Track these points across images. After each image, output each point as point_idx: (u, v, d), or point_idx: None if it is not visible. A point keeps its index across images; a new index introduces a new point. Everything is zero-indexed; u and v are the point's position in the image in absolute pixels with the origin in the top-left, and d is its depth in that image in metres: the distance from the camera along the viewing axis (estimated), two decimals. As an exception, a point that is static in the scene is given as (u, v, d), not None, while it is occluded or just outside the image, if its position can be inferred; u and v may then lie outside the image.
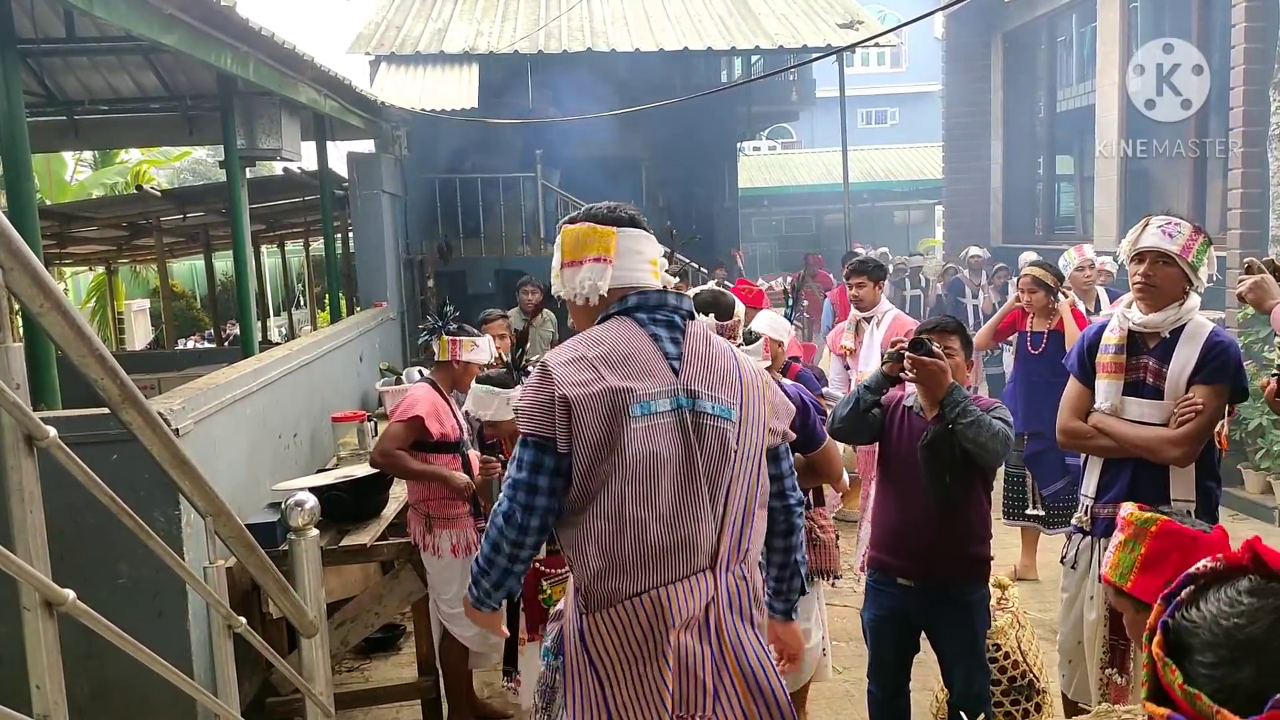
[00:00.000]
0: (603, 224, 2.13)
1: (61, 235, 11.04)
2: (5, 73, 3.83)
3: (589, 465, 1.95)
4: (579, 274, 2.11)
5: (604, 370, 1.97)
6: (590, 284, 2.10)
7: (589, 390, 1.94)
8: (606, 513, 1.96)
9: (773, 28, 11.79)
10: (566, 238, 2.16)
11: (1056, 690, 3.72)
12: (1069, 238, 10.97)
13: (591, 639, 1.99)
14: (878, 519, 3.39)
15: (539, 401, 1.97)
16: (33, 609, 1.17)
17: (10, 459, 1.15)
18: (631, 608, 1.96)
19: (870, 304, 5.48)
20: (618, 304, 2.11)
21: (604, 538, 1.96)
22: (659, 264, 2.16)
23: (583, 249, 2.12)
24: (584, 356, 2.00)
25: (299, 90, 6.59)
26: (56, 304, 1.15)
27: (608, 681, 1.98)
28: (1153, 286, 3.03)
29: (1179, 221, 3.04)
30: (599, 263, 2.10)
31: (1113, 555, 1.99)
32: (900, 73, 33.29)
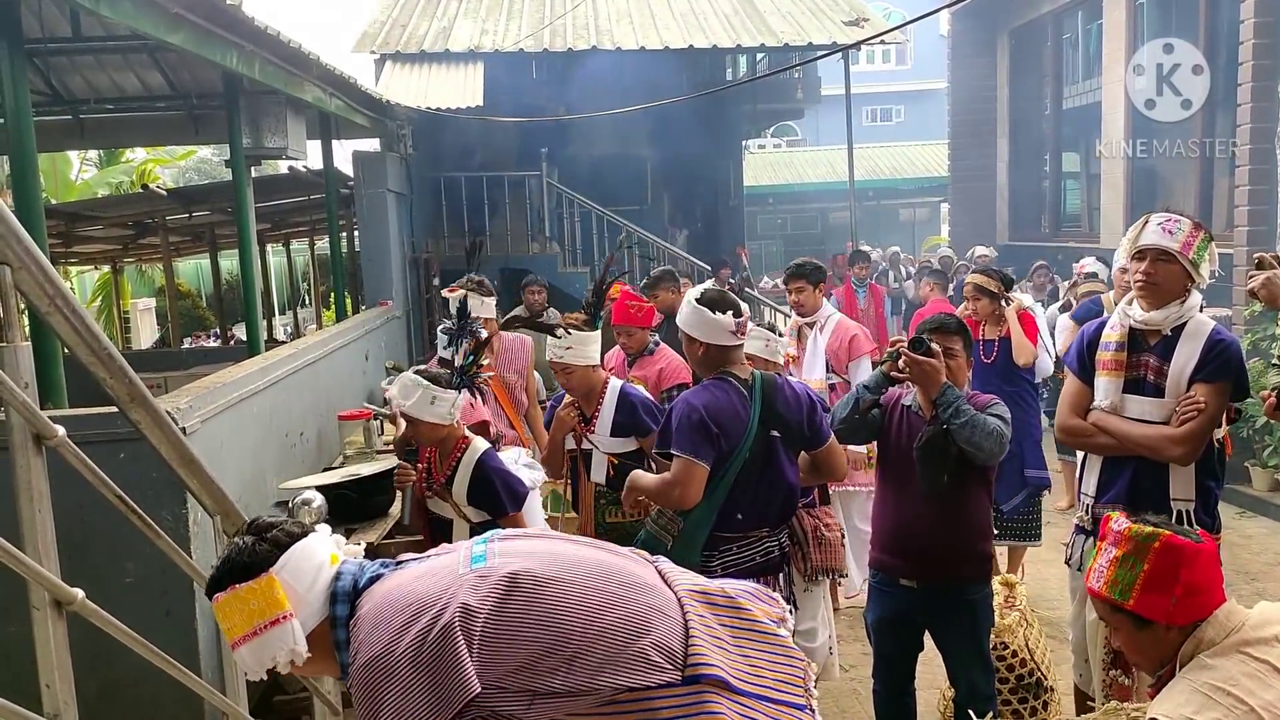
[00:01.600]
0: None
1: (67, 234, 11.06)
2: (12, 72, 3.84)
3: None
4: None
5: None
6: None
7: None
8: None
9: (778, 25, 11.77)
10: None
11: (1064, 688, 3.72)
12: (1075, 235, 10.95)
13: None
14: (878, 519, 3.39)
15: None
16: (42, 608, 1.17)
17: (19, 458, 1.15)
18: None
19: (812, 309, 5.30)
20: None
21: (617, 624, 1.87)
22: None
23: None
24: None
25: (304, 89, 6.60)
26: (65, 303, 1.15)
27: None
28: (1154, 284, 3.02)
29: (1179, 218, 3.02)
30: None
31: (1107, 571, 1.96)
32: (905, 70, 33.25)
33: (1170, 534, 1.92)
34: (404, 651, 1.58)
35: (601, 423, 3.81)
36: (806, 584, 3.65)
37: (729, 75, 15.14)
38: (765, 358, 3.77)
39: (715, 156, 14.46)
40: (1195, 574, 1.90)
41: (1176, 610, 1.89)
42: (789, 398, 3.14)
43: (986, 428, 3.02)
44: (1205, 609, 1.90)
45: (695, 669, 1.78)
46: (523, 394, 5.22)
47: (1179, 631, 1.92)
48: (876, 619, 3.38)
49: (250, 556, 1.65)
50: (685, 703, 1.75)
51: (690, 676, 1.77)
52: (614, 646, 1.73)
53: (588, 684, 1.70)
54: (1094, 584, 2.00)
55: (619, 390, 3.84)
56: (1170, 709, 1.80)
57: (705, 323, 3.10)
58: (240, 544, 1.68)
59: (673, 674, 1.75)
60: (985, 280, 5.15)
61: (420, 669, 1.56)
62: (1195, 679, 1.84)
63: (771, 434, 3.09)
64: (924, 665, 3.49)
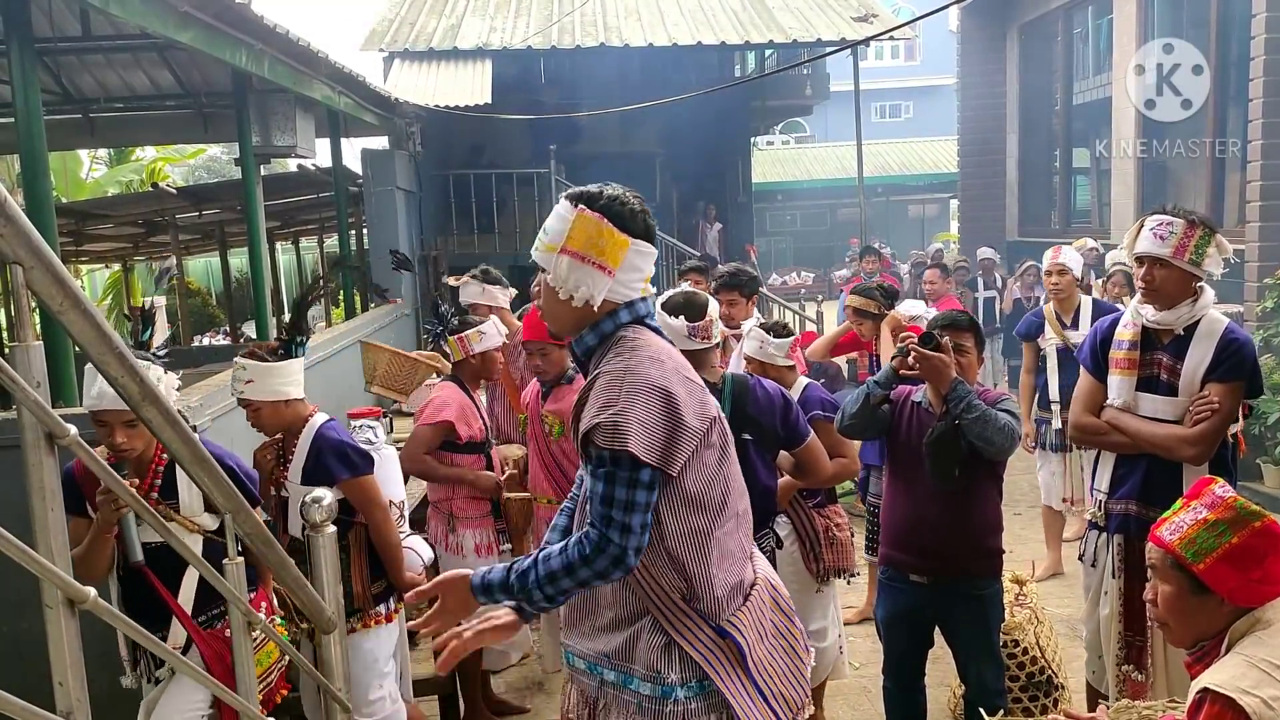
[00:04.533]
0: (621, 231, 1.92)
1: (78, 232, 11.11)
2: (23, 71, 3.85)
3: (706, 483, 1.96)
4: (577, 273, 1.90)
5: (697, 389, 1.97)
6: (584, 292, 1.90)
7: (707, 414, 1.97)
8: (722, 519, 1.98)
9: (786, 21, 11.75)
10: (579, 225, 1.92)
11: (1075, 686, 3.71)
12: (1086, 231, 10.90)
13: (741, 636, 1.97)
14: (888, 515, 3.38)
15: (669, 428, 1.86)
16: (54, 606, 1.17)
17: (31, 457, 1.15)
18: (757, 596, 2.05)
19: (741, 319, 5.17)
20: (628, 312, 1.97)
21: (725, 540, 1.98)
22: (649, 283, 2.04)
23: (590, 249, 1.91)
24: (686, 377, 1.94)
25: (313, 87, 6.61)
26: (76, 302, 1.15)
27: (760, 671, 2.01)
28: (1154, 290, 3.01)
29: (1171, 220, 2.98)
30: (602, 272, 1.91)
31: (1188, 529, 1.93)
32: (915, 66, 33.16)
33: (1274, 520, 1.91)
34: (668, 390, 1.86)
35: (293, 468, 3.17)
36: (818, 584, 3.64)
37: (737, 72, 15.13)
38: (760, 359, 3.64)
39: (724, 153, 14.45)
40: (1278, 563, 1.89)
41: (1242, 590, 1.88)
42: (760, 399, 3.12)
43: (997, 423, 3.01)
44: (1268, 596, 1.88)
45: (729, 624, 1.96)
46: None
47: (1232, 610, 1.90)
48: (887, 615, 3.37)
49: (630, 218, 1.93)
50: (706, 641, 1.94)
51: (719, 628, 1.95)
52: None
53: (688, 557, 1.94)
54: (1165, 534, 1.95)
55: (315, 430, 3.17)
56: (1224, 680, 1.79)
57: (663, 327, 3.07)
58: (632, 205, 1.94)
59: (710, 617, 1.95)
60: (864, 303, 4.93)
61: (669, 414, 1.85)
62: (1252, 654, 1.82)
63: (744, 437, 3.06)
64: (934, 662, 3.49)
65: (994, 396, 3.19)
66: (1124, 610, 3.13)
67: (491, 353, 4.08)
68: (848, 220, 25.79)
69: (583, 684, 2.08)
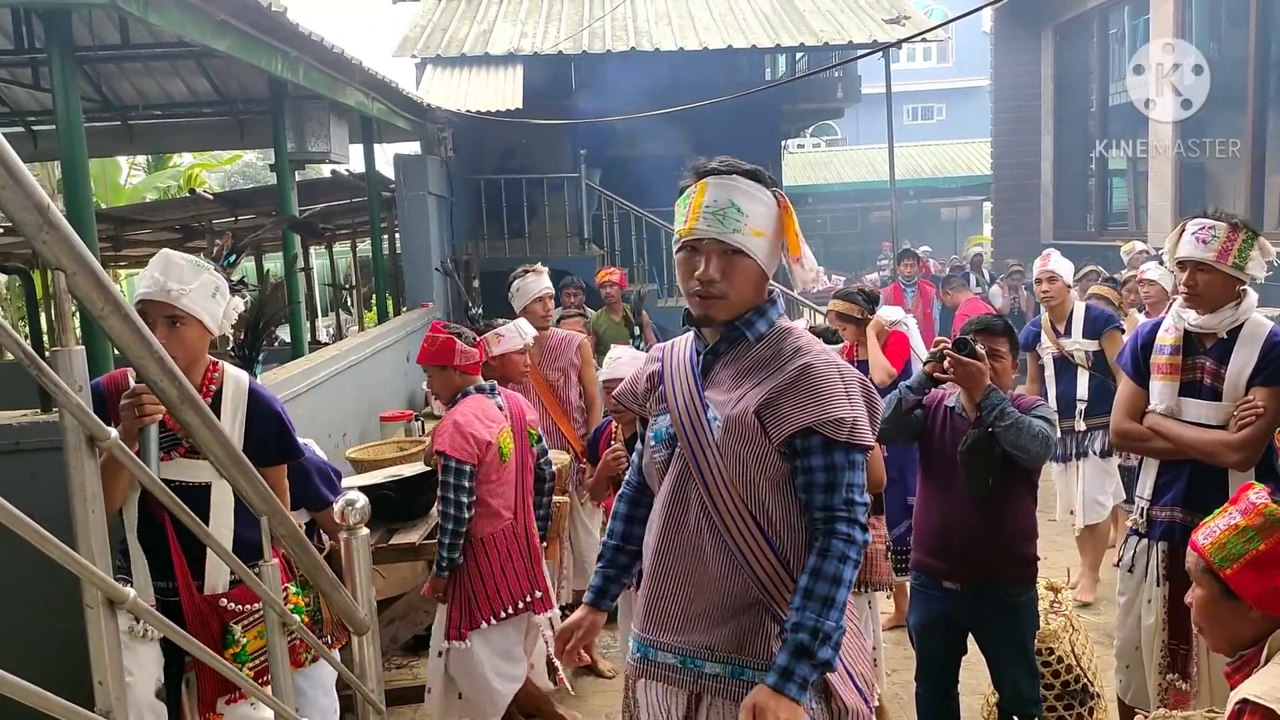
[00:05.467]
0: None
1: (117, 238, 11.27)
2: (64, 80, 3.92)
3: None
4: (773, 259, 2.03)
5: None
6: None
7: None
8: None
9: (818, 24, 11.71)
10: (787, 214, 2.02)
11: (1111, 695, 3.66)
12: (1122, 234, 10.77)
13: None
14: (921, 521, 3.35)
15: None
16: (95, 606, 1.19)
17: (73, 459, 1.17)
18: None
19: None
20: (776, 306, 2.09)
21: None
22: None
23: (789, 235, 2.03)
24: None
25: (347, 93, 6.67)
26: (117, 307, 1.17)
27: None
28: (1196, 295, 2.98)
29: (1213, 224, 2.95)
30: (791, 261, 2.07)
31: (1220, 534, 1.92)
32: (947, 67, 32.89)
33: None
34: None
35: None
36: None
37: (768, 75, 15.08)
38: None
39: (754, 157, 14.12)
40: None
41: (1269, 598, 1.85)
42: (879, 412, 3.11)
43: (1032, 430, 2.99)
44: None
45: None
46: (570, 392, 5.20)
47: (1263, 617, 1.88)
48: (919, 621, 3.35)
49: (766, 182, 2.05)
50: None
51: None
52: None
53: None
54: (1200, 539, 1.95)
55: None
56: (1265, 690, 1.76)
57: None
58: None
59: None
60: (847, 307, 4.86)
61: (866, 400, 1.97)
62: None
63: None
64: (968, 669, 3.45)
65: (1028, 403, 3.16)
66: (1169, 618, 3.09)
67: (512, 355, 4.16)
68: (879, 223, 25.63)
69: (671, 679, 2.04)
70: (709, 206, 1.95)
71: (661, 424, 2.10)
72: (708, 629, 1.97)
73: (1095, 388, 5.23)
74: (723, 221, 1.93)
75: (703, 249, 1.96)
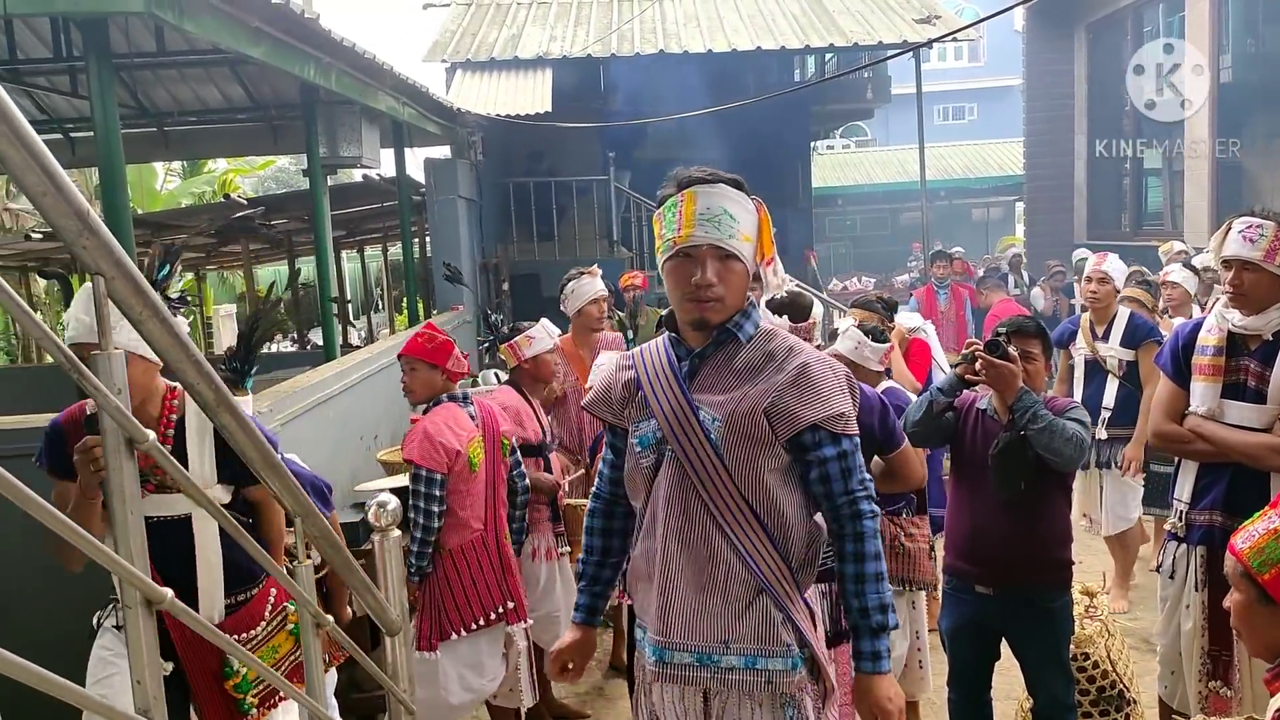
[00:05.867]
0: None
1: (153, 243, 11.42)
2: (102, 88, 3.98)
3: None
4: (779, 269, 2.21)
5: None
6: (774, 281, 2.26)
7: None
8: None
9: (847, 25, 11.65)
10: (764, 220, 2.09)
11: (1147, 701, 3.61)
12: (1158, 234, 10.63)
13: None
14: (952, 525, 3.32)
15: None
16: (133, 606, 1.20)
17: (112, 461, 1.19)
18: None
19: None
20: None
21: None
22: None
23: (766, 241, 2.11)
24: None
25: (378, 99, 6.73)
26: (155, 311, 1.19)
27: None
28: (1242, 294, 2.92)
29: (1261, 224, 2.90)
30: (765, 265, 2.16)
31: (1260, 538, 1.89)
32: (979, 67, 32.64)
33: None
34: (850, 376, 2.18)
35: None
36: None
37: (797, 76, 15.03)
38: (853, 360, 3.58)
39: (783, 158, 14.36)
40: None
41: None
42: (859, 400, 3.09)
43: (1065, 433, 2.95)
44: None
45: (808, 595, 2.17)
46: None
47: None
48: (951, 626, 3.32)
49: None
50: (803, 611, 2.11)
51: (805, 599, 2.14)
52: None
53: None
54: (1239, 543, 1.92)
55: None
56: None
57: None
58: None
59: (804, 588, 2.15)
60: (865, 316, 4.66)
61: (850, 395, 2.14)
62: None
63: None
64: (1001, 674, 3.42)
65: (1062, 405, 3.13)
66: (1208, 624, 3.04)
67: (544, 355, 4.15)
68: (909, 224, 25.45)
69: (689, 678, 2.08)
70: (703, 214, 2.00)
71: (646, 430, 2.14)
72: (722, 624, 2.04)
73: (1123, 397, 5.08)
74: (719, 227, 2.00)
75: (698, 255, 2.02)
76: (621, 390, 2.21)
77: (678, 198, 2.04)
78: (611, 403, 2.24)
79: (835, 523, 2.07)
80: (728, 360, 2.09)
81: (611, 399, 2.24)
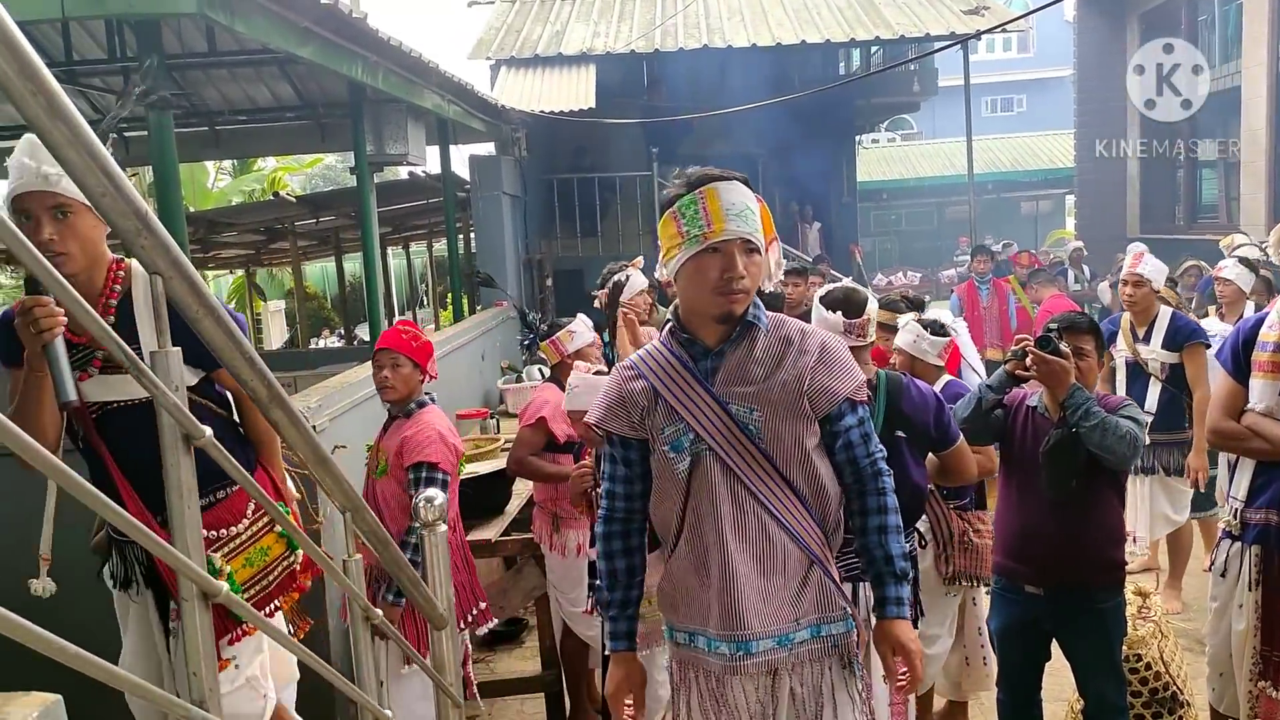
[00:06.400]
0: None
1: (205, 240, 11.64)
2: (155, 88, 4.05)
3: None
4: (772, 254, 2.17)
5: None
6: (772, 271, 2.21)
7: None
8: None
9: (893, 17, 11.53)
10: (765, 212, 2.14)
11: (1201, 703, 3.54)
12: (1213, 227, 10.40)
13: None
14: (1001, 524, 3.28)
15: None
16: (189, 599, 1.23)
17: (169, 457, 1.21)
18: None
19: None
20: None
21: None
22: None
23: (770, 231, 2.16)
24: None
25: (424, 96, 6.78)
26: (211, 310, 1.21)
27: None
28: None
29: None
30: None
31: None
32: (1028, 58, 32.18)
33: None
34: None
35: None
36: (946, 587, 3.56)
37: (842, 69, 14.90)
38: (912, 353, 3.57)
39: (828, 153, 14.26)
40: None
41: None
42: (914, 397, 3.06)
43: (1119, 431, 2.90)
44: None
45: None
46: None
47: None
48: (1000, 626, 3.28)
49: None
50: (838, 574, 2.23)
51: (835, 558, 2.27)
52: None
53: None
54: None
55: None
56: None
57: (818, 321, 3.07)
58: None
59: (835, 550, 2.25)
60: (890, 316, 4.60)
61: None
62: None
63: (896, 434, 3.02)
64: (1051, 675, 3.37)
65: (1115, 403, 3.07)
66: (1261, 624, 2.97)
67: (585, 349, 4.16)
68: (956, 219, 25.16)
69: (767, 662, 2.11)
70: (730, 208, 2.04)
71: (675, 434, 2.14)
72: (789, 602, 2.12)
73: (1166, 401, 4.92)
74: (746, 221, 2.05)
75: (725, 249, 2.04)
76: (640, 400, 2.18)
77: (696, 196, 2.07)
78: (629, 415, 2.20)
79: (858, 483, 2.18)
80: (749, 350, 2.12)
81: (627, 411, 2.20)
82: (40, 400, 2.22)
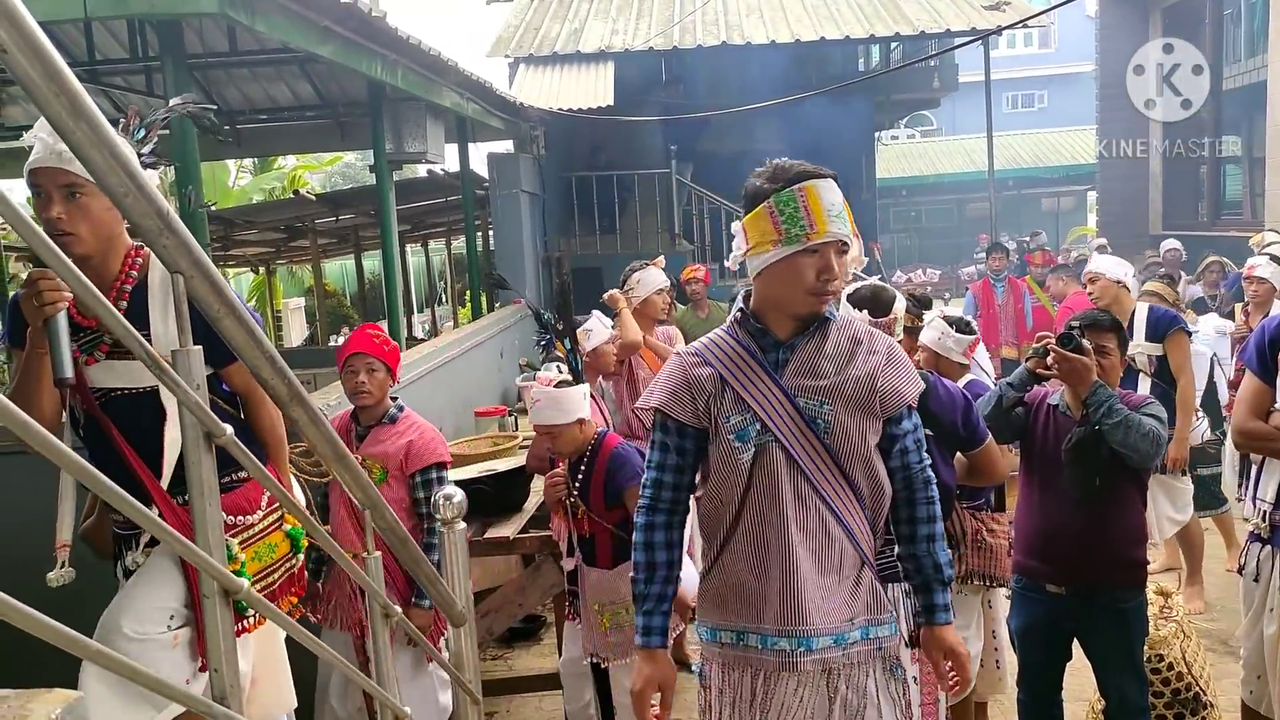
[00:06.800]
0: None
1: (225, 238, 11.71)
2: (177, 87, 4.08)
3: None
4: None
5: None
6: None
7: None
8: None
9: (913, 13, 11.46)
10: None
11: (1224, 705, 3.51)
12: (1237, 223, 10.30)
13: None
14: (1022, 523, 3.25)
15: None
16: (211, 597, 1.24)
17: (191, 455, 1.22)
18: None
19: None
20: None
21: None
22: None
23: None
24: None
25: (443, 95, 6.80)
26: (232, 309, 1.21)
27: None
28: None
29: None
30: None
31: None
32: (1050, 53, 31.93)
33: None
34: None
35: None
36: (960, 587, 3.54)
37: (861, 66, 14.83)
38: (937, 350, 3.53)
39: (847, 149, 14.17)
40: None
41: None
42: (941, 396, 3.04)
43: (1141, 429, 2.87)
44: None
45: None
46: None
47: None
48: (1021, 626, 3.25)
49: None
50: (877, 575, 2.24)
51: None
52: None
53: None
54: None
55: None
56: None
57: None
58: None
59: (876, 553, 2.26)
60: (910, 318, 4.61)
61: None
62: None
63: (924, 432, 2.99)
64: (1072, 675, 3.35)
65: (1138, 400, 3.05)
66: None
67: (602, 347, 4.18)
68: (976, 215, 25.03)
69: (824, 661, 2.09)
70: (831, 208, 2.03)
71: (741, 423, 2.10)
72: (845, 602, 2.12)
73: (1158, 396, 4.90)
74: (844, 223, 2.05)
75: (823, 250, 2.03)
76: (707, 386, 2.13)
77: (796, 193, 2.03)
78: (694, 400, 2.14)
79: (908, 490, 2.18)
80: (820, 346, 2.12)
81: (693, 396, 2.14)
82: (39, 378, 2.18)
